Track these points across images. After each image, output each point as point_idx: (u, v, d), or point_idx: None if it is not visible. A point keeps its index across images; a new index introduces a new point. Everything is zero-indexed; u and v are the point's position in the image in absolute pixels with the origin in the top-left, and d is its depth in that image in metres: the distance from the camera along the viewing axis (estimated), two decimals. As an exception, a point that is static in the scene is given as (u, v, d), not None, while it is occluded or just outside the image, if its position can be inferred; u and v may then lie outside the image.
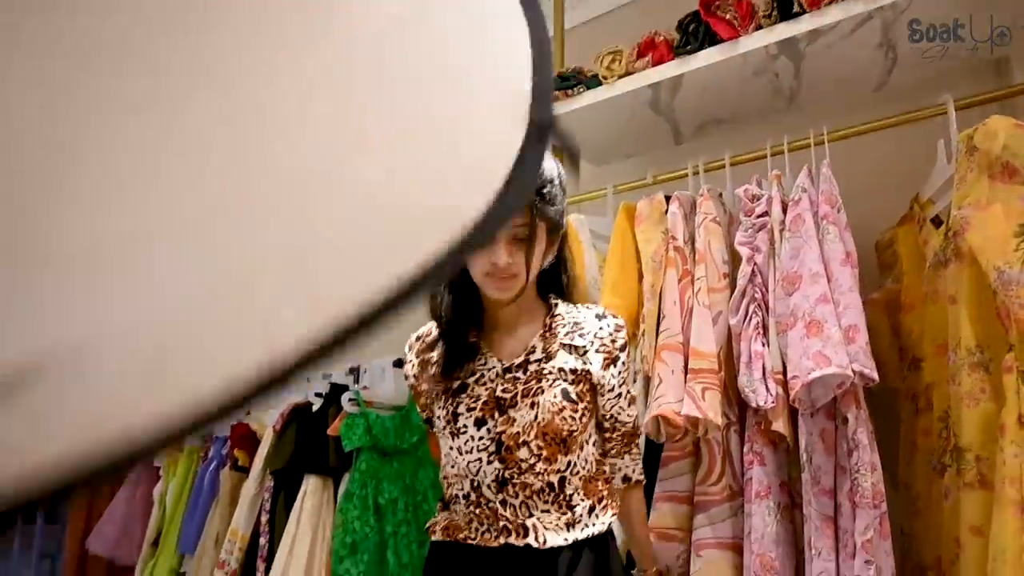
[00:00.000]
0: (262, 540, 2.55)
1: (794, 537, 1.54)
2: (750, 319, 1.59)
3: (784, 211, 1.64)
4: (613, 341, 1.41)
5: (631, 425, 1.45)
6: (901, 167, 1.92)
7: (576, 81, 2.17)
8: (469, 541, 1.32)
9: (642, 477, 1.51)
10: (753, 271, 1.62)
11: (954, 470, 1.44)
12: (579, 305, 1.47)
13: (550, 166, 1.34)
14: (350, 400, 2.50)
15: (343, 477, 2.48)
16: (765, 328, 1.58)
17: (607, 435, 1.45)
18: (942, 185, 1.68)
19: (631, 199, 2.09)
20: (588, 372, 1.37)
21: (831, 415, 1.49)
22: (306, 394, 2.79)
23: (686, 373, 1.60)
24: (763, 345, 1.55)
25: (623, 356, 1.42)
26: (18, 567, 4.07)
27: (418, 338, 1.52)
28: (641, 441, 1.52)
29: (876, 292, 1.80)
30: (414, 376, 1.48)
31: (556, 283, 1.47)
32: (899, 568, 1.57)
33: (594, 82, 2.14)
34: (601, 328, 1.41)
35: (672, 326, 1.68)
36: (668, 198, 1.86)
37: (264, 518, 2.57)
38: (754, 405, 1.53)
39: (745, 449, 1.58)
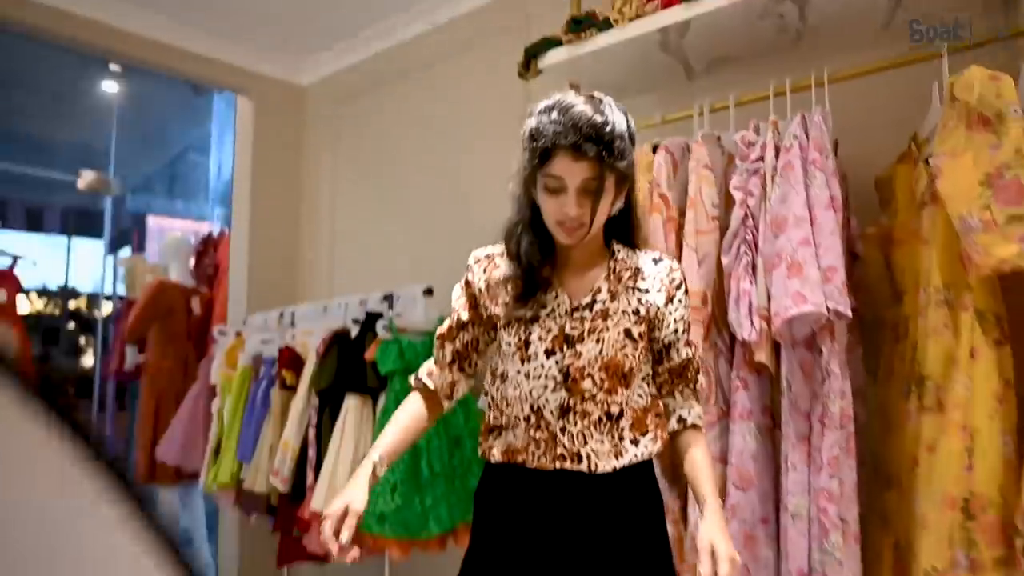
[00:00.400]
0: (310, 451, 2.82)
1: (773, 453, 1.72)
2: (740, 259, 1.73)
3: (777, 156, 1.75)
4: (672, 281, 1.52)
5: (678, 363, 1.53)
6: (902, 106, 2.00)
7: (589, 24, 2.26)
8: (527, 464, 1.47)
9: (699, 421, 1.54)
10: (746, 214, 1.75)
11: (917, 395, 1.60)
12: (637, 250, 1.57)
13: (619, 119, 1.39)
14: (384, 327, 2.71)
15: (380, 396, 2.72)
16: (754, 267, 1.72)
17: (658, 369, 1.54)
18: (935, 126, 1.77)
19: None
20: (648, 311, 1.49)
21: (811, 347, 1.65)
22: (344, 321, 3.02)
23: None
24: (751, 283, 1.70)
25: (679, 294, 1.52)
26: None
27: (487, 256, 1.61)
28: (699, 387, 1.58)
29: (872, 227, 1.91)
30: (479, 288, 1.57)
31: (622, 227, 1.56)
32: (871, 478, 1.75)
33: (606, 25, 2.23)
34: (659, 270, 1.53)
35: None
36: (656, 148, 1.98)
37: (311, 432, 2.84)
38: (740, 338, 1.69)
39: (732, 376, 1.75)
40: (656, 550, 1.47)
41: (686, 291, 1.55)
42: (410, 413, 1.62)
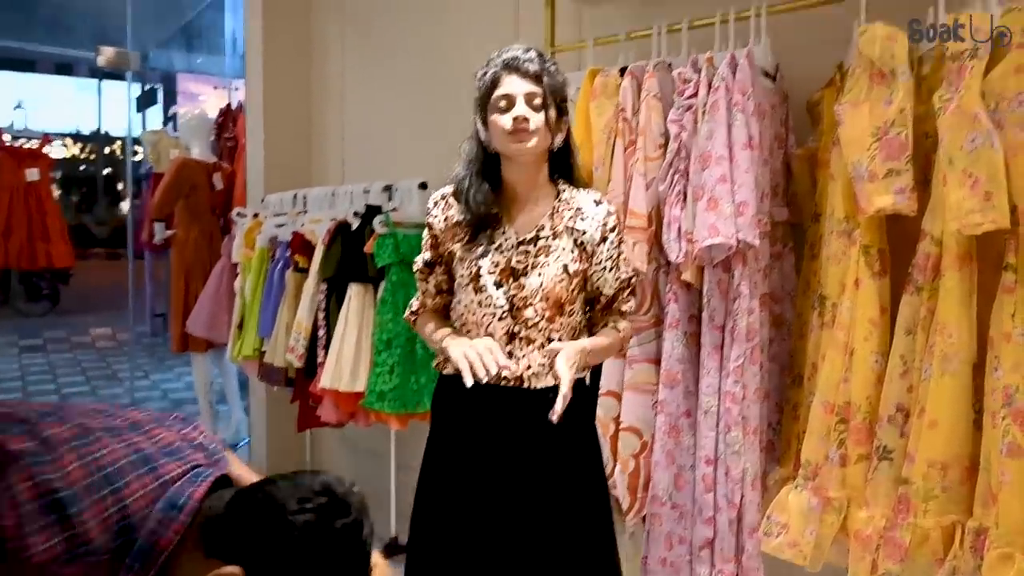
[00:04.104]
0: (320, 332, 3.17)
1: (697, 355, 1.99)
2: (674, 187, 1.94)
3: (709, 93, 1.92)
4: (605, 225, 1.75)
5: (610, 296, 1.76)
6: (840, 30, 2.09)
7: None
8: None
9: (618, 331, 1.77)
10: (679, 147, 1.94)
11: (819, 311, 1.85)
12: (580, 190, 1.79)
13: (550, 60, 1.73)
14: (381, 223, 2.96)
15: (380, 285, 3.02)
16: (685, 196, 1.93)
17: (592, 307, 1.78)
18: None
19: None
20: (585, 249, 1.72)
21: (727, 268, 1.88)
22: (349, 207, 3.26)
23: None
24: (681, 210, 1.92)
25: (612, 236, 1.75)
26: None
27: (442, 197, 1.82)
28: (628, 307, 1.82)
29: (800, 149, 2.08)
30: (439, 229, 1.78)
31: (564, 167, 1.78)
32: (785, 375, 2.03)
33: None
34: (598, 212, 1.75)
35: (616, 188, 2.05)
36: (623, 71, 2.12)
37: (320, 315, 3.17)
38: (670, 259, 1.93)
39: (665, 290, 2.01)
40: (588, 455, 1.79)
41: (619, 231, 1.78)
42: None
